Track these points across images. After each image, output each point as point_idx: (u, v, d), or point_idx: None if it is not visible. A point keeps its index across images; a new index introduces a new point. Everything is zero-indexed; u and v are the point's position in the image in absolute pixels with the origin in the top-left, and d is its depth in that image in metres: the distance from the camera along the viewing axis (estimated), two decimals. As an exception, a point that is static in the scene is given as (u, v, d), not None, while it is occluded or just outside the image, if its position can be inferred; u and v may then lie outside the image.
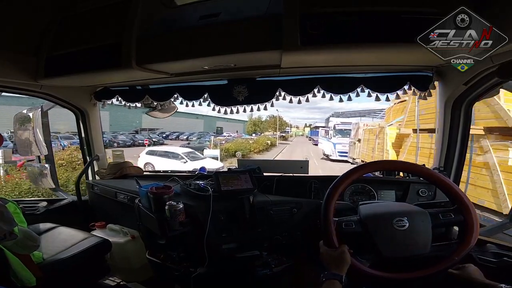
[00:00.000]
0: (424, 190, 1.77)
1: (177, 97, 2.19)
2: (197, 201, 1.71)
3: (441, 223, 1.25)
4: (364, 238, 1.26)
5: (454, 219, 1.24)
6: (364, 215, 1.30)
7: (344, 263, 1.13)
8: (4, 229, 1.40)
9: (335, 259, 1.14)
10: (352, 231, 1.27)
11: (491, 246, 1.49)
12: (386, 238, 1.22)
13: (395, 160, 1.77)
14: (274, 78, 1.96)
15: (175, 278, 1.86)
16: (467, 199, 1.23)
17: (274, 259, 1.72)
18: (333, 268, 1.11)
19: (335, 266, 1.12)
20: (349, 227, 1.27)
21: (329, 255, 1.17)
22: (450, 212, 1.25)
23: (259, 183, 1.91)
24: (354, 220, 1.30)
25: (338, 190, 1.28)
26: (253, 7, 1.57)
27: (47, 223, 2.19)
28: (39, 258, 1.69)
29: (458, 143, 1.81)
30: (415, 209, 1.31)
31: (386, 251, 1.20)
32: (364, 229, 1.26)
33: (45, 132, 2.51)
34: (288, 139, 45.38)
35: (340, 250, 1.16)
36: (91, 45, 1.72)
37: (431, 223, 1.23)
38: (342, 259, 1.13)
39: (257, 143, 23.18)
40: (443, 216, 1.24)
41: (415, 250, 1.20)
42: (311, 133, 50.27)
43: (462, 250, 1.18)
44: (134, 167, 2.73)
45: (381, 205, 1.43)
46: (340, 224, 1.27)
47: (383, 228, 1.23)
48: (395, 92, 1.82)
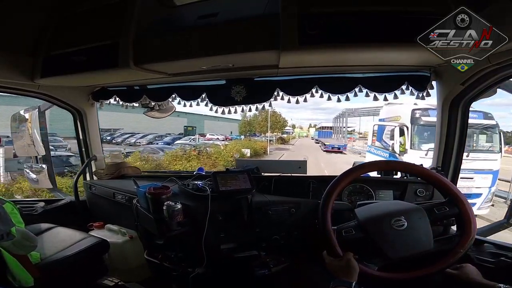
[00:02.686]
0: (422, 190, 1.78)
1: (175, 97, 2.19)
2: (195, 201, 1.70)
3: (437, 217, 1.25)
4: (366, 242, 1.25)
5: (449, 211, 1.24)
6: (362, 220, 1.29)
7: (352, 270, 1.11)
8: (1, 229, 1.39)
9: (343, 268, 1.13)
10: (353, 238, 1.26)
11: (489, 246, 1.49)
12: (388, 240, 1.21)
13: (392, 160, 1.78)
14: (272, 78, 1.96)
15: (173, 278, 1.86)
16: (464, 198, 1.24)
17: (272, 259, 1.71)
18: (342, 277, 1.10)
19: (343, 274, 1.10)
20: (350, 233, 1.26)
21: (336, 265, 1.16)
22: (444, 205, 1.25)
23: (258, 183, 1.90)
24: (353, 226, 1.29)
25: (333, 195, 1.28)
26: (251, 7, 1.57)
27: (44, 223, 2.18)
28: (37, 258, 1.69)
29: (456, 142, 1.81)
30: (410, 206, 1.31)
31: (391, 252, 1.20)
32: (365, 234, 1.25)
33: (43, 133, 2.51)
34: (289, 141, 36.87)
35: (346, 259, 1.15)
36: (89, 45, 1.72)
37: (428, 219, 1.23)
38: (350, 267, 1.12)
39: (226, 152, 13.86)
40: (438, 210, 1.24)
41: (420, 248, 1.20)
42: (319, 134, 42.09)
43: (465, 241, 1.18)
44: (132, 167, 2.73)
45: (376, 207, 1.41)
46: (340, 232, 1.26)
47: (383, 230, 1.23)
48: (393, 92, 1.82)
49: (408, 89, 1.81)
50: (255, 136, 31.32)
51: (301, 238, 1.68)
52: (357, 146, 24.67)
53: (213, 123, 35.90)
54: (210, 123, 35.74)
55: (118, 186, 2.27)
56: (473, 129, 6.71)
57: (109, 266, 2.21)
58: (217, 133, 30.96)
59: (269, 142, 24.27)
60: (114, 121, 22.32)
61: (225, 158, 12.80)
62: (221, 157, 12.91)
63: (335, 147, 22.72)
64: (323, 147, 23.98)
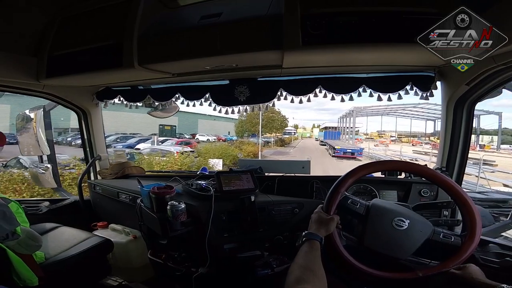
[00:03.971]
0: (426, 190, 1.77)
1: (179, 97, 2.20)
2: (198, 201, 1.71)
3: (437, 241, 1.22)
4: (358, 220, 1.27)
5: (452, 242, 1.20)
6: (373, 204, 1.30)
7: (326, 228, 1.17)
8: (6, 229, 1.40)
9: (321, 222, 1.18)
10: (353, 210, 1.27)
11: (494, 246, 1.48)
12: (377, 230, 1.22)
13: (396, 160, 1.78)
14: (275, 78, 1.96)
15: (177, 278, 1.87)
16: (469, 198, 1.22)
17: (275, 259, 1.71)
18: (313, 229, 1.16)
19: (317, 227, 1.16)
20: (353, 205, 1.28)
21: (319, 216, 1.21)
22: (453, 235, 1.21)
23: (261, 183, 1.91)
24: (361, 202, 1.29)
25: (341, 189, 1.28)
26: (254, 8, 1.57)
27: (49, 223, 2.19)
28: (41, 258, 1.70)
29: (461, 143, 1.80)
30: (422, 219, 1.27)
31: (368, 240, 1.22)
32: (365, 213, 1.26)
33: (48, 132, 2.52)
34: (290, 143, 32.47)
35: (330, 217, 1.19)
36: (93, 45, 1.73)
37: (427, 236, 1.21)
38: (327, 225, 1.17)
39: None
40: (444, 236, 1.21)
41: (394, 252, 1.20)
42: (325, 135, 33.97)
43: (437, 268, 1.17)
44: (136, 167, 2.74)
45: (393, 204, 1.40)
46: (346, 199, 1.28)
47: (381, 220, 1.23)
48: (397, 92, 1.82)
49: (412, 89, 1.80)
50: (254, 136, 27.11)
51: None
52: (371, 150, 22.01)
53: (209, 123, 34.15)
54: (206, 123, 33.98)
55: (122, 185, 2.28)
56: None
57: (112, 265, 2.22)
58: (210, 133, 28.82)
59: (260, 145, 19.64)
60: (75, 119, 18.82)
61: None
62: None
63: (348, 152, 18.34)
64: (332, 152, 19.41)
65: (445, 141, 1.85)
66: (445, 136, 1.85)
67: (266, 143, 26.34)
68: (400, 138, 38.92)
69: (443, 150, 1.87)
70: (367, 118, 32.21)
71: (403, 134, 41.94)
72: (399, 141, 34.89)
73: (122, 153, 2.83)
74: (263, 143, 24.34)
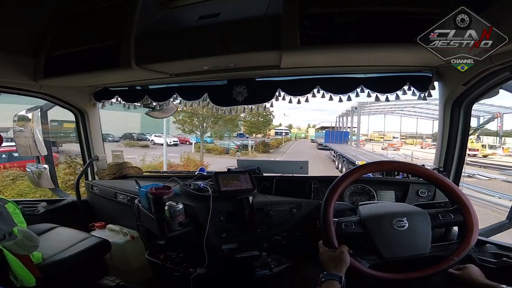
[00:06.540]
0: (423, 190, 1.78)
1: (176, 97, 2.19)
2: (196, 202, 1.70)
3: (441, 223, 1.25)
4: (364, 239, 1.25)
5: (454, 219, 1.24)
6: (364, 216, 1.30)
7: (343, 263, 1.12)
8: (4, 229, 1.40)
9: (335, 260, 1.14)
10: (352, 232, 1.26)
11: (491, 246, 1.49)
12: (386, 239, 1.21)
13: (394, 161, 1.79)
14: (273, 79, 1.95)
15: (175, 278, 1.86)
16: (467, 198, 1.23)
17: (273, 259, 1.71)
18: (332, 269, 1.11)
19: (334, 266, 1.12)
20: (349, 227, 1.27)
21: (328, 256, 1.17)
22: (450, 212, 1.25)
23: (259, 183, 1.91)
24: (354, 221, 1.29)
25: (337, 191, 1.28)
26: (253, 8, 1.57)
27: (46, 223, 2.18)
28: (39, 258, 1.69)
29: (458, 143, 1.81)
30: (415, 209, 1.31)
31: (386, 252, 1.20)
32: (364, 229, 1.26)
33: (45, 133, 2.51)
34: (279, 147, 26.33)
35: (339, 251, 1.16)
36: (91, 45, 1.72)
37: (430, 224, 1.23)
38: (341, 260, 1.13)
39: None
40: (443, 217, 1.24)
41: (415, 251, 1.20)
42: (326, 136, 27.39)
43: (461, 250, 1.18)
44: (134, 167, 2.73)
45: (380, 206, 1.42)
46: (340, 225, 1.27)
47: (382, 228, 1.23)
48: (395, 93, 1.82)
49: (410, 89, 1.81)
50: (244, 137, 23.49)
51: (303, 238, 1.68)
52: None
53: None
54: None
55: (120, 186, 2.28)
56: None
57: (110, 266, 2.21)
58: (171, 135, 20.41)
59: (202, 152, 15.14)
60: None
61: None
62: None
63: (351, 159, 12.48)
64: (342, 165, 13.23)
65: (443, 141, 1.86)
66: (442, 136, 1.85)
67: (244, 148, 20.01)
68: (403, 139, 35.68)
69: (440, 150, 1.87)
70: (369, 117, 30.87)
71: (406, 135, 38.29)
72: (403, 142, 32.63)
73: (120, 154, 2.83)
74: (240, 147, 19.59)
